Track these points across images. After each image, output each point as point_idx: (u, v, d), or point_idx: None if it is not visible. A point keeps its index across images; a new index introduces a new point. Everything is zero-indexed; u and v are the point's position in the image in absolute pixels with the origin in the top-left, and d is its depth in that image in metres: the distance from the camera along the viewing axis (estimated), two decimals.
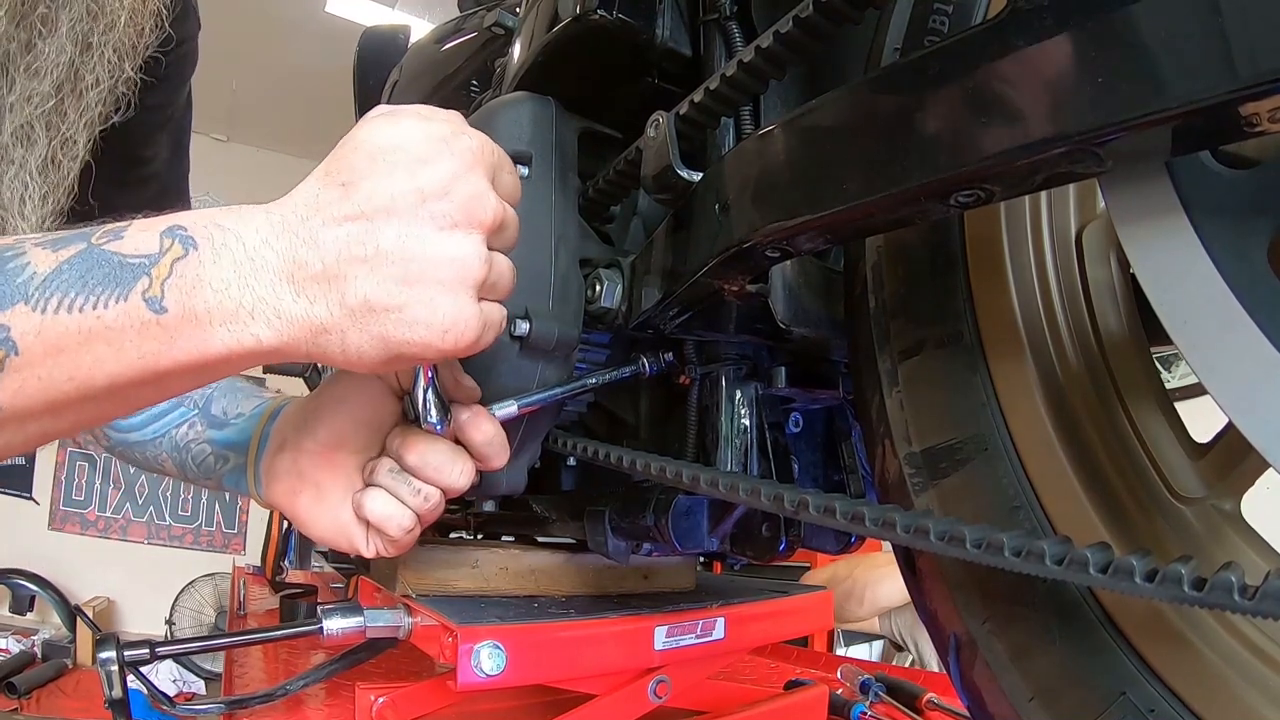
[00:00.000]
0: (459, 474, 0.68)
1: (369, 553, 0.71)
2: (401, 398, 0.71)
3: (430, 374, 0.65)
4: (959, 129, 0.43)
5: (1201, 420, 0.54)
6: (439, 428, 0.66)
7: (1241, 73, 0.32)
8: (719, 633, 1.01)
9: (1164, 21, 0.35)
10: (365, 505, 0.68)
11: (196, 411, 0.83)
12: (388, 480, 0.68)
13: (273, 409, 0.79)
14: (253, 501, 0.78)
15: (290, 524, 2.31)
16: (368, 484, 0.69)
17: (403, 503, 0.68)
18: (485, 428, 0.68)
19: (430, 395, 0.65)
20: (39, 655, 4.09)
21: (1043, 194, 0.58)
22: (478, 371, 0.72)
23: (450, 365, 0.69)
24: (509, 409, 0.72)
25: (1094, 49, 0.37)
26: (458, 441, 0.69)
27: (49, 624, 4.55)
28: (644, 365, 0.86)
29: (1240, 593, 0.34)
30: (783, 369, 0.84)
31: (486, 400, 0.71)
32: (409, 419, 0.70)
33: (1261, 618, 0.34)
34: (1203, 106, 0.34)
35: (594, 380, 0.84)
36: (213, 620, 4.65)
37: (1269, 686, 0.43)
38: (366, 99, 1.94)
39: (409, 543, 0.71)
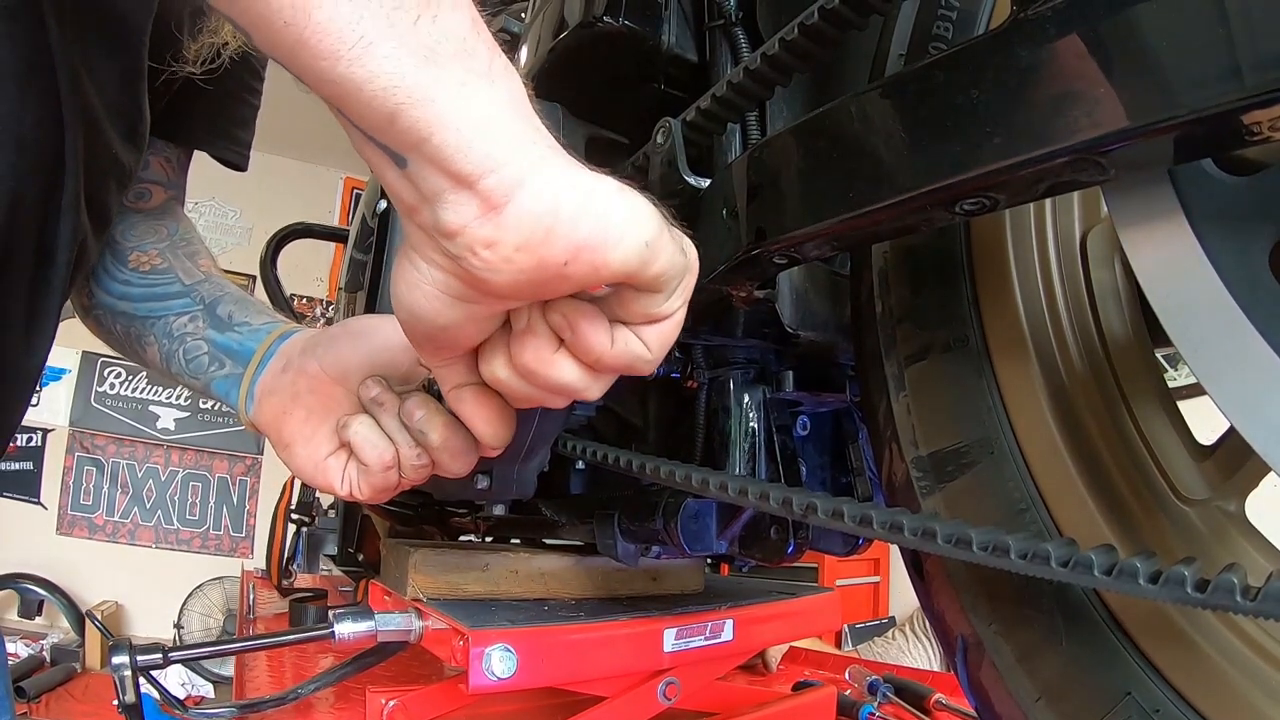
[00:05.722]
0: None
1: (343, 491, 0.67)
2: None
3: None
4: (963, 138, 0.43)
5: (1208, 417, 0.54)
6: None
7: (1247, 82, 0.33)
8: (728, 634, 1.01)
9: (1167, 31, 0.35)
10: (350, 425, 0.64)
11: (201, 307, 0.79)
12: (390, 420, 0.64)
13: (284, 330, 0.76)
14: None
15: (300, 532, 2.32)
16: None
17: (392, 442, 0.64)
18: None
19: None
20: (48, 659, 4.10)
21: (1047, 199, 0.58)
22: None
23: None
24: None
25: (1097, 59, 0.38)
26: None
27: (57, 628, 4.55)
28: None
29: (1243, 594, 0.34)
30: (790, 373, 0.84)
31: None
32: (429, 392, 0.69)
33: (1264, 619, 0.34)
34: (1206, 116, 0.35)
35: None
36: (221, 624, 4.65)
37: (1272, 685, 0.44)
38: None
39: (384, 488, 0.66)
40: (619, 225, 0.44)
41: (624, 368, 0.51)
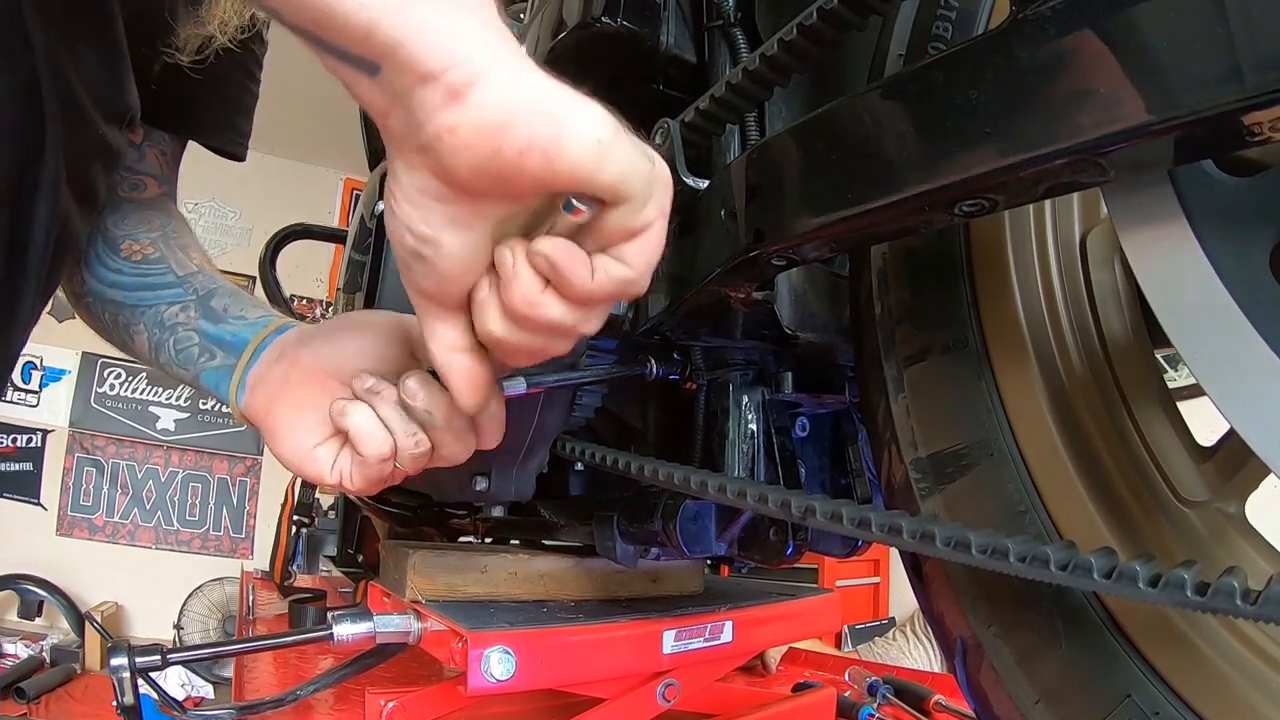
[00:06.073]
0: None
1: (332, 479, 0.66)
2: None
3: None
4: (962, 139, 0.43)
5: (1208, 418, 0.54)
6: None
7: (1248, 82, 0.33)
8: (727, 636, 1.01)
9: (1167, 32, 0.35)
10: (348, 414, 0.63)
11: (194, 297, 0.79)
12: (387, 409, 0.63)
13: (280, 324, 0.75)
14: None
15: (300, 533, 2.32)
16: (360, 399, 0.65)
17: (389, 432, 0.63)
18: (492, 407, 0.64)
19: None
20: (47, 660, 4.09)
21: (1046, 200, 0.58)
22: None
23: None
24: (518, 386, 0.71)
25: (1096, 59, 0.37)
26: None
27: (57, 629, 4.55)
28: (652, 366, 0.86)
29: (1243, 598, 0.34)
30: (789, 374, 0.84)
31: None
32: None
33: (1264, 622, 0.34)
34: (1206, 117, 0.34)
35: (602, 371, 0.84)
36: (220, 625, 4.65)
37: (1272, 688, 0.43)
38: None
39: (377, 480, 0.65)
40: (570, 121, 0.46)
41: (612, 294, 0.52)
